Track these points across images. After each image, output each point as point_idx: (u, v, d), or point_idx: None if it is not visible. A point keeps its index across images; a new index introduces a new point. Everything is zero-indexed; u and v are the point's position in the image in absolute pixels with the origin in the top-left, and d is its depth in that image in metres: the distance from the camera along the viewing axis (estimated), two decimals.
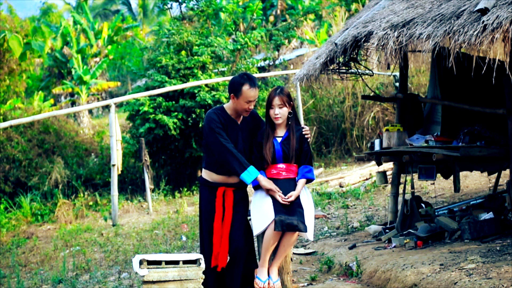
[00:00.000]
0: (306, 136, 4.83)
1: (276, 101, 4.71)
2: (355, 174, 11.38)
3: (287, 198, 4.63)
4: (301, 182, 4.74)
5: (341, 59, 6.77)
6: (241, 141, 4.84)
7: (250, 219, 4.91)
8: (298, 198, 4.69)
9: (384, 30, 5.70)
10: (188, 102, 12.43)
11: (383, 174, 7.74)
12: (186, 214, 10.62)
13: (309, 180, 4.80)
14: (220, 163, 4.77)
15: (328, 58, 6.61)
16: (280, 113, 4.72)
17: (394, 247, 6.42)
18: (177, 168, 13.38)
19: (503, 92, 6.10)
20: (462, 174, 8.17)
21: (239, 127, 4.87)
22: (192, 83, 12.18)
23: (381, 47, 5.72)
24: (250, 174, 4.69)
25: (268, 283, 4.65)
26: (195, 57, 12.95)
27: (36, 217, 11.89)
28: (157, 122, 12.39)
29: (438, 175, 7.02)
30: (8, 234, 10.74)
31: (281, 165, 4.75)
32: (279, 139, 4.78)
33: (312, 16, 19.94)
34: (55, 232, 10.65)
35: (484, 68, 4.93)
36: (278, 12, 23.06)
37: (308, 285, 5.79)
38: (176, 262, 4.22)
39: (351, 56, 6.78)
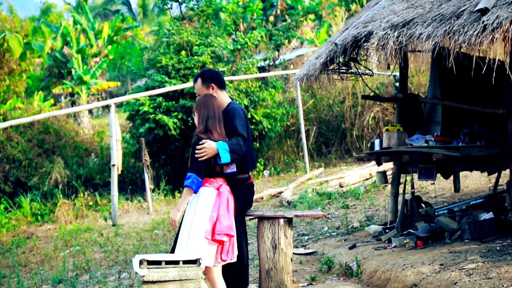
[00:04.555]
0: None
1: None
2: (355, 174, 11.38)
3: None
4: (182, 195, 4.67)
5: (341, 59, 6.78)
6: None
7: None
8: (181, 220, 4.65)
9: (384, 30, 5.70)
10: (188, 102, 12.43)
11: (383, 174, 7.74)
12: None
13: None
14: None
15: (328, 58, 6.61)
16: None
17: (394, 247, 6.42)
18: (177, 168, 13.38)
19: (503, 92, 6.10)
20: (462, 174, 8.17)
21: None
22: (192, 83, 12.17)
23: (381, 47, 5.72)
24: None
25: None
26: (195, 57, 12.95)
27: (36, 217, 11.89)
28: (157, 122, 12.39)
29: (438, 175, 7.03)
30: (8, 234, 10.74)
31: None
32: None
33: (312, 16, 19.95)
34: (55, 232, 10.65)
35: (484, 68, 4.93)
36: (278, 12, 23.06)
37: (308, 285, 5.79)
38: (176, 262, 4.22)
39: (351, 56, 6.78)
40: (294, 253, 6.86)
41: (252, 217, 5.22)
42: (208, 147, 4.59)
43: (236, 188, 4.87)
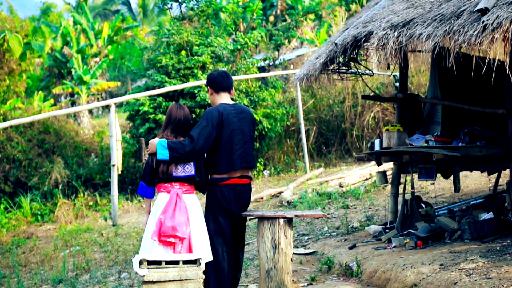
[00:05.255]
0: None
1: None
2: (355, 174, 11.38)
3: None
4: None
5: (341, 59, 6.78)
6: None
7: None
8: None
9: (384, 30, 5.70)
10: (188, 102, 12.43)
11: (383, 174, 7.74)
12: None
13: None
14: None
15: (328, 58, 6.61)
16: None
17: (394, 247, 6.42)
18: None
19: (503, 92, 6.11)
20: (462, 174, 8.17)
21: None
22: (192, 83, 12.18)
23: (381, 47, 5.72)
24: None
25: None
26: (195, 57, 12.95)
27: (36, 217, 11.89)
28: (157, 122, 12.39)
29: (438, 175, 7.02)
30: (8, 234, 10.74)
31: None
32: None
33: (312, 16, 19.96)
34: (55, 232, 10.65)
35: (484, 68, 4.93)
36: (278, 12, 23.07)
37: (308, 285, 5.79)
38: (176, 262, 4.22)
39: (351, 56, 6.78)
40: (294, 253, 6.86)
41: (252, 217, 5.23)
42: (151, 143, 4.76)
43: (209, 188, 4.92)
